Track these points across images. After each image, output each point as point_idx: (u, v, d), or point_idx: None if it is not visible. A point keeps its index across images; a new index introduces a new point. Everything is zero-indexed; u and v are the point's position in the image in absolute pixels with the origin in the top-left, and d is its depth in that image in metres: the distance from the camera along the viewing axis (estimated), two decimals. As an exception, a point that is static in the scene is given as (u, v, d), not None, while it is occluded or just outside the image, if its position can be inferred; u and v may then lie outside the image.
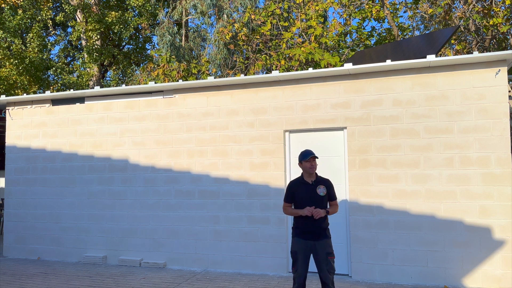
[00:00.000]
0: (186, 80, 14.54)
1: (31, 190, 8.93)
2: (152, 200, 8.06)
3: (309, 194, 4.81)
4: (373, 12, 15.13)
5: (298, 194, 4.85)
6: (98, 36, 19.00)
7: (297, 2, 14.70)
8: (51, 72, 21.19)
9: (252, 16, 14.99)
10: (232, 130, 7.70)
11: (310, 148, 7.35)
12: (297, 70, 13.43)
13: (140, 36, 22.74)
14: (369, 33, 15.94)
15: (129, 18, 18.83)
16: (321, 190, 4.81)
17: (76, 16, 19.82)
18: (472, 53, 12.40)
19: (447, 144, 6.56)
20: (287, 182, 7.36)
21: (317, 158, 4.90)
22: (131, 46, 22.89)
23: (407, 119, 6.77)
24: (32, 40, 18.41)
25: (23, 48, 19.03)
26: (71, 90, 9.04)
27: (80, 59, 22.01)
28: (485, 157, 6.38)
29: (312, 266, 6.93)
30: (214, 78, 7.93)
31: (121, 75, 24.16)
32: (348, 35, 15.98)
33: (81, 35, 19.33)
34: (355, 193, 6.94)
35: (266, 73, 15.31)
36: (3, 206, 11.94)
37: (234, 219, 7.55)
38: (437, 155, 6.59)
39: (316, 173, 4.94)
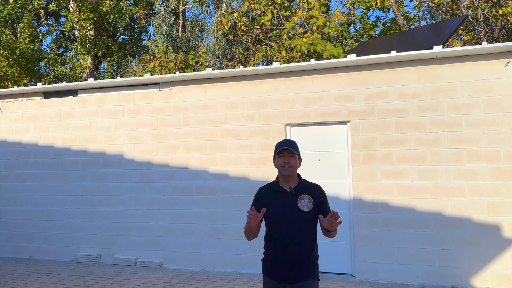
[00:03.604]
0: (184, 72, 14.49)
1: (22, 186, 8.90)
2: (148, 197, 8.04)
3: (287, 209, 3.19)
4: (378, 1, 15.06)
5: (270, 208, 3.21)
6: (92, 26, 18.93)
7: (299, -10, 14.64)
8: (43, 64, 21.12)
9: (252, 5, 14.90)
10: (231, 124, 7.67)
11: (312, 143, 7.31)
12: (298, 61, 13.38)
13: (136, 26, 22.63)
14: (374, 23, 15.88)
15: (124, 8, 18.75)
16: (305, 203, 3.20)
17: (69, 5, 19.75)
18: (480, 43, 12.34)
19: (455, 138, 6.52)
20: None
21: (296, 153, 3.26)
22: (126, 37, 22.79)
23: (413, 112, 6.73)
24: (23, 30, 18.33)
25: (14, 38, 18.96)
26: (64, 82, 8.99)
27: (73, 50, 21.95)
28: (494, 152, 6.34)
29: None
30: (213, 70, 7.87)
31: (115, 67, 24.09)
32: (352, 25, 15.91)
33: (74, 25, 19.26)
34: (359, 189, 6.92)
35: (267, 64, 15.25)
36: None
37: (233, 217, 7.53)
38: (444, 150, 6.56)
39: (298, 176, 3.36)
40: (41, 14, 23.62)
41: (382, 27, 16.60)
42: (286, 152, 3.24)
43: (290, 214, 3.18)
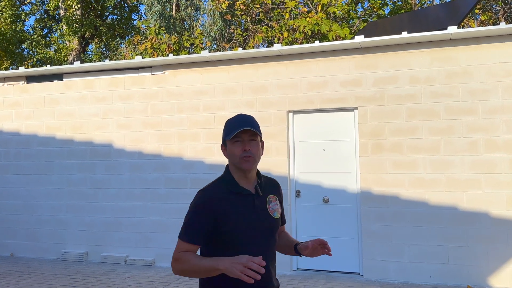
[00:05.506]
0: (177, 54, 14.40)
1: (3, 178, 8.85)
2: (139, 190, 8.00)
3: (258, 219, 2.24)
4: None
5: (233, 220, 2.17)
6: (79, 5, 18.78)
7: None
8: (26, 46, 21.02)
9: (251, -18, 14.80)
10: (228, 111, 7.60)
11: (316, 131, 7.25)
12: (301, 43, 13.28)
13: (126, 5, 22.50)
14: (383, 2, 15.77)
15: (113, -15, 18.60)
16: (274, 207, 2.34)
17: (53, -17, 19.59)
18: (498, 24, 12.23)
19: (471, 126, 6.46)
20: (291, 170, 7.29)
21: (259, 135, 2.26)
22: (116, 17, 22.67)
23: (425, 98, 6.67)
24: (4, 9, 18.20)
25: (-6, 18, 18.82)
26: (48, 65, 8.92)
27: (58, 31, 21.81)
28: (514, 142, 6.30)
29: (309, 261, 6.96)
30: (209, 52, 7.84)
31: (104, 49, 23.97)
32: (359, 4, 15.80)
33: (59, 4, 19.11)
34: (367, 181, 6.87)
35: (267, 46, 15.16)
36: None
37: (231, 211, 7.48)
38: (459, 138, 6.50)
39: (256, 169, 2.39)
40: (23, -8, 23.48)
41: (392, 6, 16.51)
42: (246, 134, 2.24)
43: (262, 226, 2.26)
